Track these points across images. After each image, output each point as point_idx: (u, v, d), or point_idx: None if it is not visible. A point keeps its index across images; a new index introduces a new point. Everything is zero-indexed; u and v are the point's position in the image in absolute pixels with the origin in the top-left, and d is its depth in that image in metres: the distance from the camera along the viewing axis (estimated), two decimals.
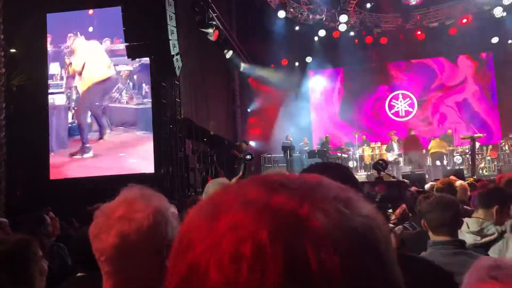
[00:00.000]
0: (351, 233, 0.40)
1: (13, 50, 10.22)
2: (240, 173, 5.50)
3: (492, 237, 2.80)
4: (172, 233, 1.25)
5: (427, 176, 12.16)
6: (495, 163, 14.63)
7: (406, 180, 7.64)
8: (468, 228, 2.92)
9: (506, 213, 3.09)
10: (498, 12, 15.36)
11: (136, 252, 1.20)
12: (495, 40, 16.19)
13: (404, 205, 4.48)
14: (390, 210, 4.39)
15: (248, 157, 13.36)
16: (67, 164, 11.04)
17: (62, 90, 11.27)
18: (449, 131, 15.29)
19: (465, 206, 4.03)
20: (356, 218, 0.42)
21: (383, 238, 0.43)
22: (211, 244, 0.40)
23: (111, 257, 1.21)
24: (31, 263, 1.91)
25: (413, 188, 5.90)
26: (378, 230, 0.43)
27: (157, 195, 1.30)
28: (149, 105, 10.86)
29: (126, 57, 9.86)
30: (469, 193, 4.67)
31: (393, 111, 17.79)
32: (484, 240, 2.83)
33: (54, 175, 10.91)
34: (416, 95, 17.63)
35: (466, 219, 3.01)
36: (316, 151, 14.94)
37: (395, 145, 14.47)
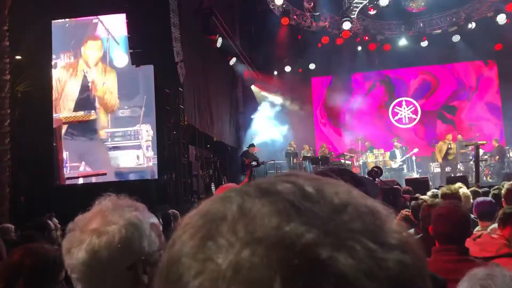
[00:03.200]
0: (382, 278, 0.33)
1: (18, 57, 10.30)
2: (246, 179, 5.51)
3: (490, 254, 2.77)
4: (150, 247, 1.16)
5: (430, 183, 12.12)
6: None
7: (399, 187, 7.65)
8: (474, 240, 2.91)
9: None
10: (502, 19, 15.37)
11: (107, 269, 1.11)
12: (498, 47, 16.19)
13: (404, 212, 4.48)
14: None
15: (254, 163, 13.38)
16: (72, 170, 11.09)
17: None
18: (459, 136, 15.14)
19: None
20: (388, 256, 0.35)
21: (419, 273, 0.37)
22: (208, 284, 0.34)
23: (82, 275, 1.12)
24: (58, 276, 1.92)
25: (406, 196, 5.95)
26: (413, 265, 0.36)
27: (133, 205, 1.21)
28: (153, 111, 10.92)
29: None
30: (471, 201, 4.65)
31: (396, 118, 17.76)
32: (481, 254, 2.81)
33: (58, 180, 10.96)
34: (419, 102, 17.62)
35: (481, 232, 2.98)
36: (319, 157, 14.94)
37: (397, 152, 14.44)
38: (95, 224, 1.14)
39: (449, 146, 14.04)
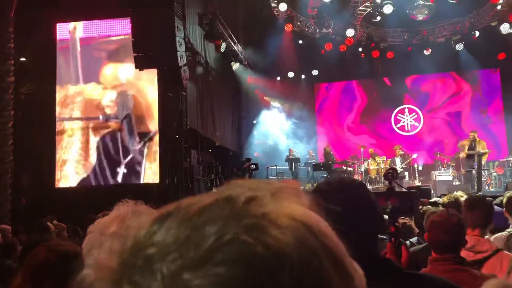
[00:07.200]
0: None
1: (22, 59, 10.34)
2: None
3: (485, 254, 2.76)
4: None
5: (432, 192, 12.07)
6: (502, 179, 14.50)
7: (416, 191, 7.53)
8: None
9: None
10: (505, 28, 15.37)
11: None
12: (502, 56, 16.19)
13: (406, 219, 4.45)
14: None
15: (253, 166, 13.44)
16: (72, 172, 11.08)
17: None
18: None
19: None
20: None
21: None
22: None
23: None
24: (74, 274, 1.95)
25: (425, 200, 5.83)
26: None
27: (150, 211, 1.29)
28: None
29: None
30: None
31: (399, 125, 17.74)
32: (476, 257, 2.78)
33: (59, 183, 10.95)
34: (422, 109, 17.60)
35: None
36: (321, 164, 14.91)
37: (397, 160, 14.43)
38: (114, 227, 1.22)
39: (473, 144, 12.57)
